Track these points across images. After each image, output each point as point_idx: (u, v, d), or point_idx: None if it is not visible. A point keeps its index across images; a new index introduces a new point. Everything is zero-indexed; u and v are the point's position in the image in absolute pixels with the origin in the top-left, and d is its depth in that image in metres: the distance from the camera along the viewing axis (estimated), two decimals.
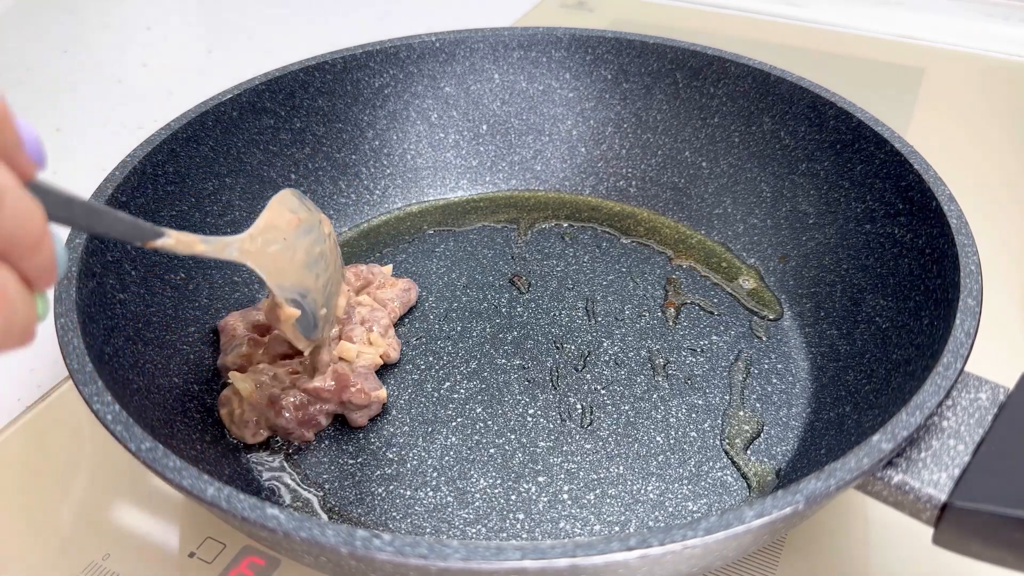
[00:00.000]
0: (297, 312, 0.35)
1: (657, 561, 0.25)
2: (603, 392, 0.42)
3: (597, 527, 0.36)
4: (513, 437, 0.40)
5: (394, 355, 0.43)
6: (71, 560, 0.36)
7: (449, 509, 0.36)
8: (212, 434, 0.39)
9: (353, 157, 0.53)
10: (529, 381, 0.42)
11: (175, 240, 0.29)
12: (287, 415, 0.38)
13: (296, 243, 0.35)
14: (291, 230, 0.35)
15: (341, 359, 0.40)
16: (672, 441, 0.39)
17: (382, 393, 0.40)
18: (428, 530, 0.36)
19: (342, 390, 0.39)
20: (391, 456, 0.39)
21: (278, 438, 0.39)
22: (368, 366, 0.41)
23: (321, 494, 0.37)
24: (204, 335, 0.43)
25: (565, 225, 0.53)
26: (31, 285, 0.23)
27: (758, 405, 0.41)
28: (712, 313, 0.46)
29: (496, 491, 0.37)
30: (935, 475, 0.29)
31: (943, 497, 0.29)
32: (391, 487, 0.37)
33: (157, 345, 0.39)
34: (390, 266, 0.48)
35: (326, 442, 0.39)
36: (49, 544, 0.37)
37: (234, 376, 0.39)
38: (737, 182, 0.51)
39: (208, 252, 0.31)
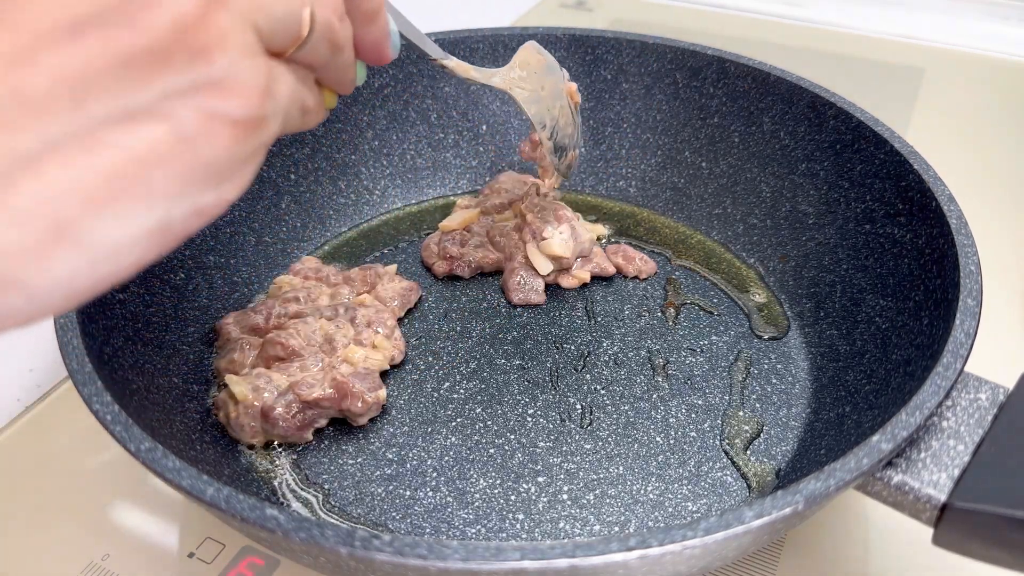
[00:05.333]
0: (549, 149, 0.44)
1: (656, 561, 0.25)
2: (603, 392, 0.42)
3: (597, 527, 0.36)
4: (513, 437, 0.40)
5: (400, 356, 0.43)
6: (71, 560, 0.36)
7: (449, 509, 0.36)
8: (211, 434, 0.39)
9: (353, 157, 0.53)
10: (529, 381, 0.42)
11: (455, 64, 0.40)
12: (282, 424, 0.38)
13: (544, 79, 0.44)
14: (540, 67, 0.44)
15: (345, 362, 0.40)
16: (672, 441, 0.39)
17: (381, 393, 0.40)
18: (428, 530, 0.36)
19: (342, 399, 0.39)
20: (391, 456, 0.39)
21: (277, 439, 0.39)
22: (374, 370, 0.41)
23: (321, 494, 0.37)
24: (203, 335, 0.43)
25: None
26: (366, 56, 0.31)
27: (758, 405, 0.41)
28: (712, 313, 0.46)
29: (496, 491, 0.37)
30: (935, 475, 0.29)
31: (943, 497, 0.29)
32: (391, 487, 0.37)
33: (156, 345, 0.39)
34: (394, 266, 0.48)
35: (326, 442, 0.39)
36: (49, 544, 0.37)
37: (230, 379, 0.39)
38: (737, 182, 0.51)
39: (478, 79, 0.41)
